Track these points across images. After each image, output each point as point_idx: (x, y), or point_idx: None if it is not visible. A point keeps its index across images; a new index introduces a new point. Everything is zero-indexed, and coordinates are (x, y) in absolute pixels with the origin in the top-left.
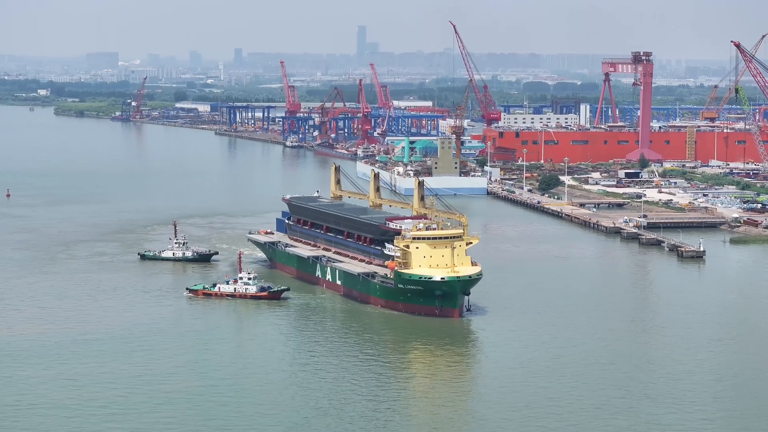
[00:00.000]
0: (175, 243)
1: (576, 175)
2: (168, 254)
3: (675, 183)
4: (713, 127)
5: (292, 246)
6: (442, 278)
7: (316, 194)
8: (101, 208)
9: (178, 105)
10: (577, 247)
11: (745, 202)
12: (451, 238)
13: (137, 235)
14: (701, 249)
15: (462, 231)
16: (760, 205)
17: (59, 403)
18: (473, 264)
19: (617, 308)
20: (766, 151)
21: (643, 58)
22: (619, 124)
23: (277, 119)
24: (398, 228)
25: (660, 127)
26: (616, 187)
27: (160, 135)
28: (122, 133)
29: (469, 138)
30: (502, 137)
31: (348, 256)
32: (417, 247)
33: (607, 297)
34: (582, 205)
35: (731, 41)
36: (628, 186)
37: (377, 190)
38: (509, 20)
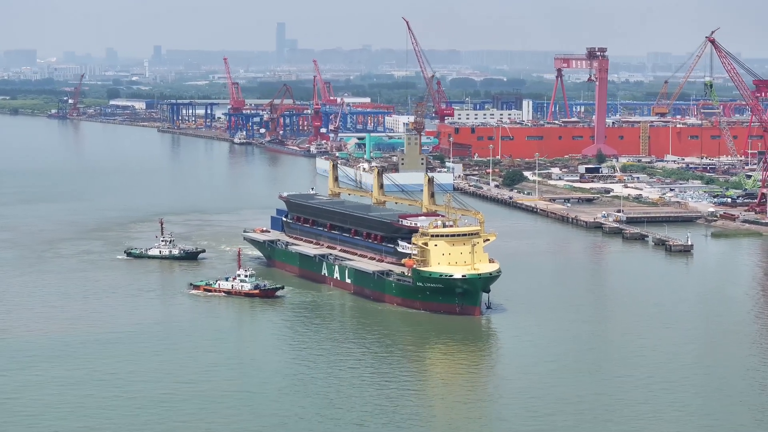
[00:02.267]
0: (162, 241)
1: (536, 171)
2: (155, 252)
3: (638, 178)
4: (666, 122)
5: (294, 244)
6: (463, 276)
7: (311, 191)
8: (75, 206)
9: (112, 102)
10: (565, 243)
11: (714, 197)
12: (469, 235)
13: (117, 233)
14: (689, 243)
15: (480, 228)
16: (730, 200)
17: (106, 403)
18: (491, 261)
19: (631, 303)
20: (735, 146)
21: (598, 54)
22: (573, 119)
23: (218, 116)
24: (413, 225)
25: (613, 123)
26: (580, 182)
27: (101, 133)
28: (61, 131)
29: (423, 134)
30: (457, 133)
31: (356, 254)
32: (436, 245)
33: (616, 292)
34: (553, 200)
35: (706, 37)
36: (592, 181)
37: (381, 187)
38: (428, 16)
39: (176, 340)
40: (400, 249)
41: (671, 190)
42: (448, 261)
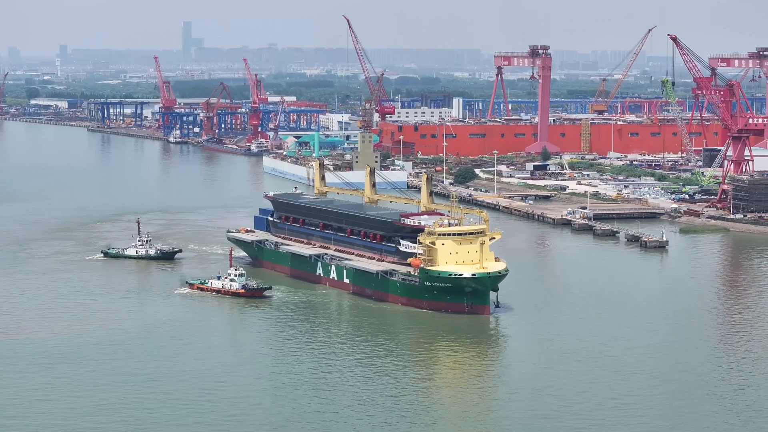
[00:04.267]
0: (139, 240)
1: (484, 168)
2: (131, 252)
3: (588, 175)
4: (606, 119)
5: (285, 244)
6: (473, 275)
7: (295, 191)
8: (33, 206)
9: (34, 102)
10: (540, 240)
11: (672, 193)
12: (476, 233)
13: (84, 233)
14: (664, 239)
15: (485, 226)
16: (687, 196)
17: (137, 403)
18: (497, 260)
19: (636, 302)
20: (692, 143)
21: (541, 51)
22: (515, 117)
23: (145, 115)
24: (416, 224)
25: (554, 120)
26: (532, 179)
27: (27, 132)
28: None
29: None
30: (401, 131)
31: (352, 253)
32: (443, 244)
33: (614, 291)
34: (511, 197)
35: (668, 35)
36: (543, 178)
37: (373, 186)
38: (333, 15)
39: (189, 340)
40: (402, 248)
41: (626, 186)
42: (456, 260)
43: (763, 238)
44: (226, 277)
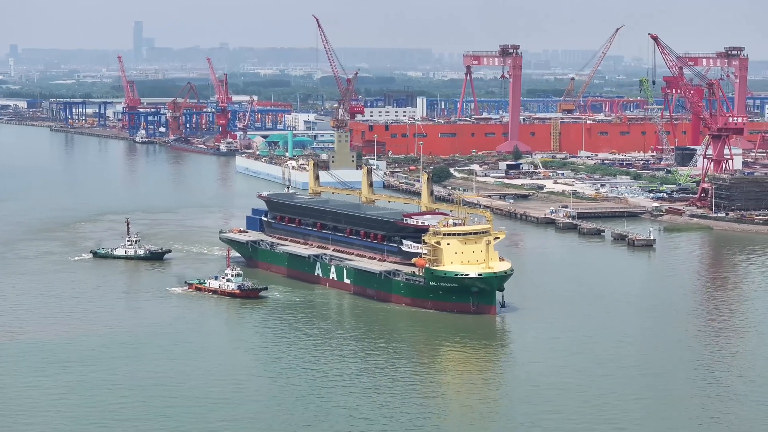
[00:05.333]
0: (128, 241)
1: (458, 167)
2: (120, 252)
3: (562, 174)
4: (576, 118)
5: (281, 244)
6: (479, 274)
7: (287, 191)
8: (11, 206)
9: None
10: (528, 239)
11: (650, 192)
12: (480, 233)
13: (68, 233)
14: (651, 238)
15: (489, 226)
16: (665, 194)
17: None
18: (501, 259)
19: (636, 301)
20: (669, 142)
21: (511, 51)
22: (485, 116)
23: (106, 115)
24: (419, 224)
25: (523, 120)
26: (507, 178)
27: None
28: None
29: (332, 132)
30: (371, 130)
31: (352, 253)
32: (448, 243)
33: (613, 290)
34: (490, 196)
35: (648, 34)
36: (518, 177)
37: (370, 185)
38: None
39: (196, 340)
40: (404, 248)
41: (602, 186)
42: (461, 260)
43: (747, 237)
44: (223, 278)
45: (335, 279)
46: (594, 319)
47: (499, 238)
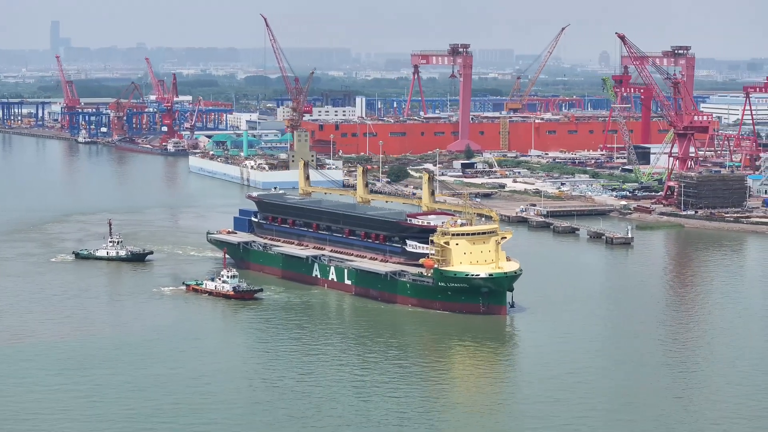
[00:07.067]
0: (110, 242)
1: (411, 167)
2: (102, 253)
3: (519, 173)
4: (525, 117)
5: (276, 245)
6: (489, 275)
7: (276, 190)
8: None
9: None
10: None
11: (613, 190)
12: (489, 233)
13: (40, 234)
14: (629, 236)
15: (497, 226)
16: (629, 192)
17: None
18: (508, 259)
19: (636, 299)
20: (631, 140)
21: (461, 50)
22: (434, 115)
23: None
24: (425, 224)
25: (472, 118)
26: (465, 177)
27: None
28: None
29: (276, 131)
30: (322, 130)
31: (351, 254)
32: (457, 244)
33: (610, 288)
34: (453, 195)
35: (616, 33)
36: (476, 176)
37: (366, 185)
38: (206, 15)
39: (204, 342)
40: (409, 248)
41: (563, 184)
42: (470, 260)
43: (719, 234)
44: (219, 279)
45: (335, 280)
46: (603, 318)
47: (506, 237)
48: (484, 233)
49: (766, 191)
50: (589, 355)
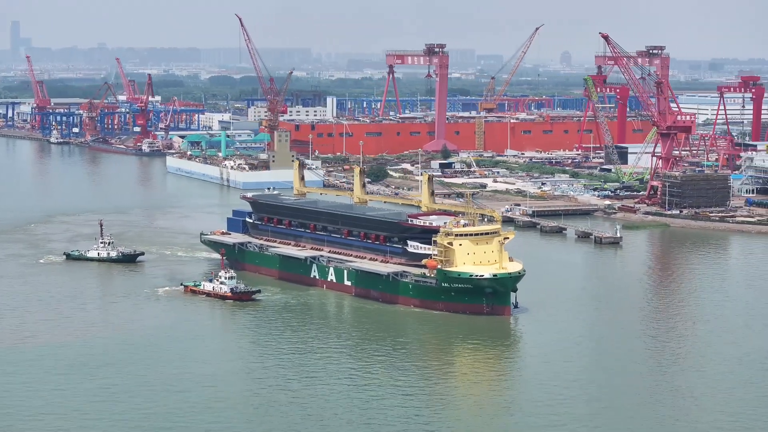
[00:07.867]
0: (101, 243)
1: (389, 167)
2: (93, 254)
3: (498, 172)
4: (500, 117)
5: (273, 246)
6: (493, 275)
7: (269, 191)
8: None
9: None
10: None
11: (595, 189)
12: (492, 233)
13: (26, 235)
14: (618, 235)
15: (499, 226)
16: (611, 192)
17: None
18: (511, 259)
19: (635, 298)
20: (612, 139)
21: (437, 50)
22: (410, 115)
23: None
24: (427, 225)
25: (448, 118)
26: (445, 177)
27: None
28: None
29: (249, 131)
30: (298, 130)
31: (350, 255)
32: (461, 244)
33: (608, 287)
34: (434, 194)
35: (599, 33)
36: (455, 176)
37: (363, 186)
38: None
39: (201, 344)
40: (410, 249)
41: (543, 184)
42: (473, 261)
43: (705, 233)
44: (217, 280)
45: (334, 281)
46: (607, 318)
47: (509, 238)
48: (487, 234)
49: (747, 191)
50: (594, 355)
